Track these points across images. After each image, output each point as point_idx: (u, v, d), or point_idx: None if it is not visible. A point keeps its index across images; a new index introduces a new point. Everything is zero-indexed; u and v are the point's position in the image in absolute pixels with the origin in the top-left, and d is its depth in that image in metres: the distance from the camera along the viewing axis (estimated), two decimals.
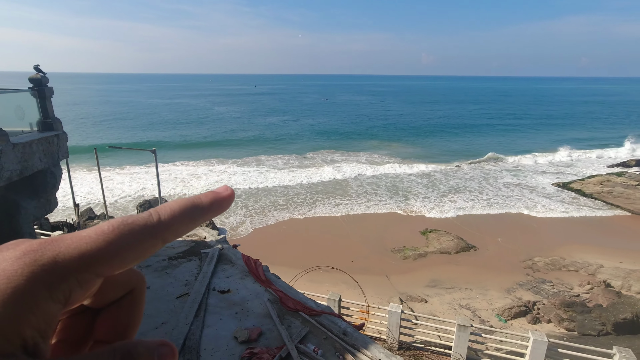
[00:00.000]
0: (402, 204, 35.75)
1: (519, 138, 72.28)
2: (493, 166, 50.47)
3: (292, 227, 30.35)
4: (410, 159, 53.12)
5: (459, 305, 20.24)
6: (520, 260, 25.04)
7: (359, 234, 29.01)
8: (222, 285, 7.46)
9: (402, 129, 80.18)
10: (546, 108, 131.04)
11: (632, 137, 72.57)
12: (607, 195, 37.25)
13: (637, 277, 22.14)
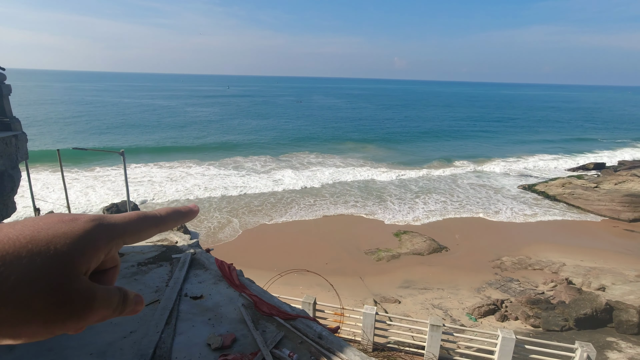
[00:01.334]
0: (376, 206, 36.15)
1: (487, 142, 74.77)
2: (462, 169, 51.90)
3: (267, 231, 30.08)
4: (384, 162, 53.87)
5: (431, 305, 20.64)
6: (489, 260, 25.85)
7: (334, 237, 29.10)
8: (195, 290, 7.26)
9: (376, 132, 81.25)
10: (512, 113, 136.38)
11: (591, 141, 76.67)
12: (568, 197, 39.10)
13: (596, 275, 23.32)
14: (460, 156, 59.05)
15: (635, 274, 23.43)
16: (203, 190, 38.19)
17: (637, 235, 31.14)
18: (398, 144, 68.61)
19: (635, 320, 17.55)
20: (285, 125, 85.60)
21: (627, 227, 33.03)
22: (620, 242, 29.85)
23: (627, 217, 34.32)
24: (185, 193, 37.08)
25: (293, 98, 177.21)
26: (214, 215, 32.22)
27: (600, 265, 24.80)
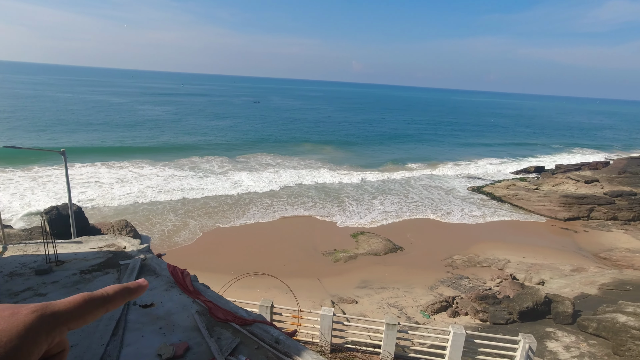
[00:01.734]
0: (334, 207, 36.46)
1: (439, 145, 78.09)
2: (416, 172, 53.76)
3: (225, 233, 29.36)
4: (342, 164, 54.55)
5: (387, 304, 21.12)
6: (442, 258, 26.94)
7: (292, 238, 28.98)
8: (145, 298, 6.88)
9: (335, 134, 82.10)
10: (462, 118, 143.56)
11: (532, 146, 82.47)
12: (512, 198, 41.73)
13: (537, 270, 25.05)
14: (414, 159, 61.17)
15: (570, 269, 25.43)
16: (157, 192, 36.52)
17: (572, 233, 33.84)
18: (356, 146, 69.79)
19: (570, 311, 19.02)
20: (242, 126, 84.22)
21: (563, 225, 35.81)
22: (557, 239, 32.31)
23: (563, 217, 37.23)
24: (137, 195, 35.23)
25: (251, 98, 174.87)
26: (169, 218, 30.94)
27: (540, 261, 26.68)
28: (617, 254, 28.84)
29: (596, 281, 22.61)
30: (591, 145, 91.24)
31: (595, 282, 22.45)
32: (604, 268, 25.75)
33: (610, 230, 34.44)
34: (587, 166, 62.08)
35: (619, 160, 64.33)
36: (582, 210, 37.84)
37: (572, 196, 40.04)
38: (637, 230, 34.36)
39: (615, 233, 33.63)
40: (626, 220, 36.74)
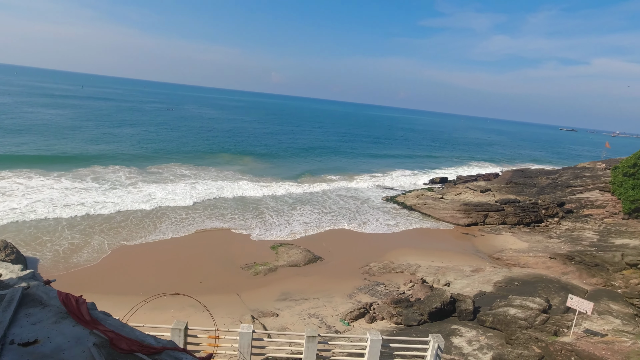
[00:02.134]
0: (254, 219, 35.71)
1: (355, 158, 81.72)
2: (334, 183, 55.37)
3: (134, 251, 26.82)
4: (262, 175, 53.90)
5: (308, 315, 21.11)
6: (360, 266, 27.89)
7: (208, 253, 27.60)
8: (27, 334, 5.84)
9: (254, 145, 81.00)
10: (376, 132, 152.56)
11: (438, 159, 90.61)
12: (422, 207, 45.17)
13: (443, 273, 27.27)
14: (332, 170, 63.04)
15: (470, 270, 28.17)
16: (51, 207, 31.92)
17: (471, 237, 37.65)
18: (275, 158, 69.67)
19: (470, 308, 20.98)
20: (154, 135, 78.58)
21: (464, 230, 39.70)
22: (459, 243, 35.67)
23: (464, 222, 41.31)
24: (23, 211, 30.40)
25: (164, 105, 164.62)
26: (64, 236, 27.31)
27: (446, 264, 29.12)
28: (507, 254, 32.79)
29: (491, 279, 25.35)
30: (485, 159, 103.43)
31: (491, 281, 25.15)
32: (497, 267, 29.03)
33: (501, 233, 39.08)
34: (482, 177, 70.13)
35: (506, 172, 73.81)
36: (478, 216, 42.39)
37: (471, 204, 44.72)
38: (521, 233, 39.50)
39: (505, 236, 38.24)
40: (513, 225, 42.04)
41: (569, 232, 40.14)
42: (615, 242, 34.51)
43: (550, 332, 18.49)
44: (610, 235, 37.29)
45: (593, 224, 43.58)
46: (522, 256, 32.07)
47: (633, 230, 38.83)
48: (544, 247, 34.71)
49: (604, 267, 28.95)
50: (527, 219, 42.89)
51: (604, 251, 31.47)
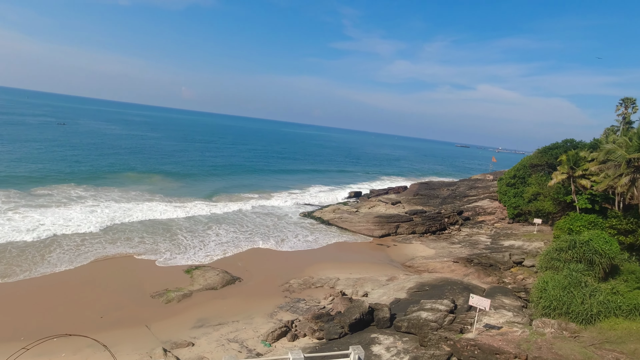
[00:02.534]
0: (166, 242, 33.11)
1: (272, 175, 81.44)
2: (251, 201, 54.29)
3: (13, 289, 22.81)
4: (173, 195, 50.55)
5: (227, 340, 19.96)
6: (280, 284, 27.41)
7: (111, 283, 24.74)
8: None
9: (163, 163, 75.90)
10: (293, 149, 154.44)
11: (352, 174, 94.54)
12: (338, 221, 46.44)
13: (361, 284, 28.11)
14: (248, 188, 61.86)
15: (386, 279, 29.50)
16: None
17: (385, 248, 39.64)
18: (188, 176, 66.03)
19: (387, 316, 21.87)
20: (42, 153, 68.74)
21: (378, 241, 41.66)
22: (375, 254, 37.28)
23: (378, 234, 43.41)
24: None
25: (53, 119, 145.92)
26: None
27: (364, 275, 30.11)
28: (417, 262, 35.15)
29: (405, 286, 26.82)
30: (394, 173, 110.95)
31: (404, 288, 26.60)
32: (410, 274, 30.89)
33: (411, 242, 41.86)
34: (392, 190, 74.92)
35: (413, 185, 79.92)
36: (391, 227, 44.94)
37: (383, 216, 47.28)
38: (428, 241, 42.79)
39: (415, 244, 41.05)
40: (421, 233, 45.39)
41: (467, 237, 44.62)
42: (504, 244, 39.24)
43: (457, 330, 20.06)
44: (499, 238, 42.32)
45: (486, 228, 49.13)
46: (430, 262, 34.64)
47: (516, 232, 44.63)
48: (448, 252, 37.98)
49: (496, 266, 32.61)
50: (433, 228, 46.71)
51: (495, 252, 35.53)
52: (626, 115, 59.61)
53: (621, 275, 23.54)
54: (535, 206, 47.73)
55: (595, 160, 37.77)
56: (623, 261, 24.94)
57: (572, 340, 17.50)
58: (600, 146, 39.83)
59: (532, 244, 37.89)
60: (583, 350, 16.25)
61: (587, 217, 32.64)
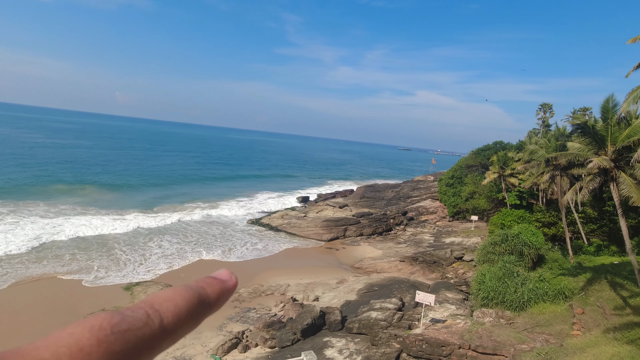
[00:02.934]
0: (103, 259, 30.68)
1: (218, 183, 79.09)
2: (197, 211, 52.25)
3: None
4: (110, 207, 47.08)
5: (173, 358, 18.89)
6: None
7: (37, 308, 22.38)
8: None
9: (97, 173, 70.54)
10: (239, 155, 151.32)
11: (299, 179, 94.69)
12: (287, 226, 46.15)
13: (312, 288, 28.11)
14: (192, 197, 59.37)
15: (336, 282, 29.77)
16: None
17: (334, 251, 40.05)
18: (124, 186, 61.89)
19: (339, 318, 22.06)
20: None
21: (327, 245, 41.99)
22: (324, 258, 37.50)
23: (327, 238, 43.76)
24: None
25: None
26: None
27: (314, 279, 30.13)
28: (366, 263, 35.91)
29: (355, 288, 27.25)
30: (341, 177, 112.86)
31: (354, 289, 27.02)
32: (359, 276, 31.45)
33: (359, 244, 42.72)
34: (340, 194, 76.14)
35: (359, 188, 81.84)
36: (339, 230, 45.54)
37: (331, 220, 47.81)
38: (376, 242, 43.94)
39: (363, 246, 41.93)
40: (368, 235, 46.50)
41: (412, 237, 46.51)
42: (445, 241, 41.42)
43: (406, 327, 20.74)
44: (441, 236, 44.62)
45: (429, 227, 51.56)
46: (378, 263, 35.56)
47: (456, 229, 47.35)
48: (394, 252, 39.27)
49: (439, 263, 34.29)
50: (380, 229, 48.07)
51: (438, 250, 37.37)
52: (545, 119, 66.02)
53: (547, 263, 25.82)
54: (471, 204, 51.05)
55: (521, 160, 41.23)
56: (547, 251, 27.40)
57: (508, 327, 18.81)
58: (525, 147, 43.64)
59: (470, 240, 40.39)
60: (518, 335, 17.52)
61: (517, 212, 35.47)
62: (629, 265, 21.34)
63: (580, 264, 25.14)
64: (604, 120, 19.43)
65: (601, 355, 12.16)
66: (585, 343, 14.87)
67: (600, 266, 23.25)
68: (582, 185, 20.93)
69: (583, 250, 30.26)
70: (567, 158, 22.36)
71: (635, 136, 17.44)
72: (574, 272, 23.10)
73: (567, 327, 18.11)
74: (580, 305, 19.74)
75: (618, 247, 29.31)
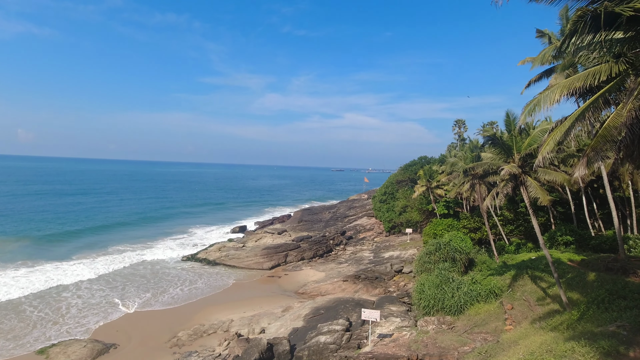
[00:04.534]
0: (13, 319, 26.50)
1: (150, 223, 73.85)
2: (125, 255, 48.09)
3: None
4: (14, 260, 41.29)
5: None
6: (165, 341, 24.38)
7: None
8: None
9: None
10: (170, 188, 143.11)
11: (234, 209, 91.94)
12: (225, 259, 44.23)
13: (257, 320, 26.95)
14: (119, 240, 54.51)
15: (281, 310, 28.91)
16: None
17: (276, 279, 39.09)
18: (36, 234, 54.99)
19: (287, 348, 21.29)
20: None
21: (269, 274, 40.89)
22: (267, 287, 36.37)
23: (268, 266, 42.67)
24: None
25: None
26: None
27: (258, 311, 28.96)
28: (310, 287, 35.51)
29: (301, 314, 26.66)
30: (277, 203, 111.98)
31: (300, 315, 26.43)
32: (304, 301, 30.90)
33: (302, 269, 42.25)
34: (277, 220, 75.31)
35: (296, 212, 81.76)
36: (280, 257, 44.73)
37: (271, 247, 46.88)
38: (317, 264, 43.81)
39: (305, 270, 41.53)
40: (310, 258, 46.28)
41: (353, 255, 47.21)
42: (384, 256, 42.63)
43: (355, 346, 20.66)
44: (380, 251, 45.89)
45: (368, 244, 52.83)
46: (322, 285, 35.36)
47: (394, 243, 49.09)
48: (337, 272, 39.43)
49: (381, 278, 35.08)
50: (320, 251, 48.15)
51: (379, 265, 38.29)
52: (460, 134, 72.42)
53: (477, 266, 27.71)
54: (405, 217, 53.56)
55: (444, 173, 44.48)
56: (476, 254, 29.49)
57: (449, 332, 19.63)
58: (446, 160, 47.26)
59: (407, 252, 42.07)
60: (459, 338, 18.34)
61: (446, 221, 37.88)
62: (544, 259, 23.71)
63: (505, 262, 27.37)
64: (508, 132, 21.85)
65: (531, 345, 13.13)
66: (517, 336, 15.99)
67: (521, 263, 25.52)
68: (498, 191, 23.05)
69: (505, 250, 33.09)
70: (483, 167, 24.61)
71: (534, 144, 19.79)
72: (500, 271, 25.06)
73: (501, 324, 19.40)
74: (509, 301, 21.36)
75: (533, 244, 32.54)
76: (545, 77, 24.00)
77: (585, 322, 14.55)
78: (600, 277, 19.35)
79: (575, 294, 18.83)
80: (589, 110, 9.53)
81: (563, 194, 32.89)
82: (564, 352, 11.27)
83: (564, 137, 10.32)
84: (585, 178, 29.28)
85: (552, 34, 24.20)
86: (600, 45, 8.37)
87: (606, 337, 11.50)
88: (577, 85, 9.47)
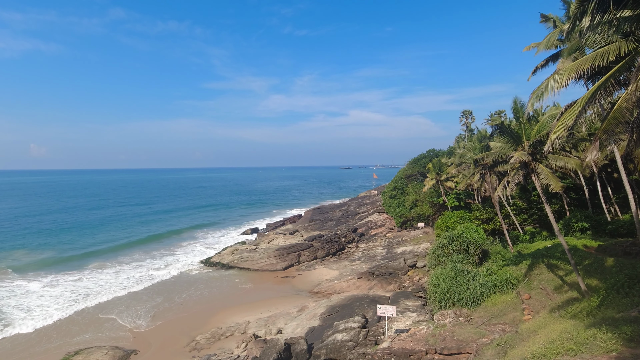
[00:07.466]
0: (23, 325, 27.07)
1: (163, 225, 74.66)
2: (141, 263, 48.71)
3: None
4: (36, 270, 42.14)
5: None
6: (184, 345, 24.64)
7: None
8: None
9: (24, 235, 63.17)
10: (181, 195, 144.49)
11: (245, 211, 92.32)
12: (238, 262, 44.49)
13: (273, 321, 27.06)
14: (136, 249, 55.32)
15: (297, 310, 28.98)
16: None
17: (290, 279, 39.19)
18: (49, 245, 56.10)
19: (305, 347, 21.34)
20: None
21: (283, 274, 41.02)
22: (281, 287, 36.49)
23: (281, 267, 42.80)
24: None
25: None
26: None
27: (274, 312, 29.07)
28: (324, 286, 35.53)
29: (317, 313, 26.70)
30: (288, 203, 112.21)
31: (316, 315, 26.47)
32: (319, 300, 30.93)
33: (315, 268, 42.30)
34: (288, 221, 75.46)
35: (307, 212, 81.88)
36: (293, 257, 44.83)
37: (284, 248, 47.01)
38: (331, 263, 43.81)
39: (319, 269, 41.56)
40: (322, 257, 46.30)
41: (365, 252, 47.10)
42: (397, 251, 42.45)
43: (372, 343, 20.61)
44: (393, 247, 45.71)
45: (380, 240, 52.64)
46: (336, 283, 35.35)
47: (406, 238, 48.85)
48: (350, 270, 39.38)
49: (395, 274, 34.94)
50: (333, 249, 48.12)
51: (392, 261, 38.14)
52: (468, 124, 71.70)
53: (491, 257, 27.42)
54: (416, 212, 53.21)
55: (453, 165, 44.05)
56: (490, 245, 29.17)
57: (467, 324, 19.47)
58: (454, 152, 46.78)
59: (420, 246, 41.83)
60: (477, 330, 18.17)
61: (458, 213, 37.54)
62: (559, 246, 23.37)
63: (520, 252, 27.04)
64: (516, 120, 21.54)
65: (551, 333, 12.94)
66: (536, 325, 15.79)
67: (536, 251, 25.18)
68: (509, 180, 22.77)
69: (520, 239, 32.68)
70: (492, 157, 24.31)
71: (544, 130, 19.50)
72: (515, 261, 24.76)
73: (519, 314, 19.18)
74: (526, 290, 21.09)
75: (548, 232, 32.08)
76: (551, 62, 23.60)
77: (606, 309, 14.30)
78: (619, 262, 19.00)
79: (593, 280, 18.52)
80: (599, 92, 9.35)
81: (576, 179, 32.37)
82: (585, 340, 11.09)
83: (575, 121, 10.13)
84: (598, 162, 28.78)
85: (557, 17, 23.81)
86: (609, 25, 8.22)
87: (628, 322, 11.28)
88: (586, 66, 9.29)
